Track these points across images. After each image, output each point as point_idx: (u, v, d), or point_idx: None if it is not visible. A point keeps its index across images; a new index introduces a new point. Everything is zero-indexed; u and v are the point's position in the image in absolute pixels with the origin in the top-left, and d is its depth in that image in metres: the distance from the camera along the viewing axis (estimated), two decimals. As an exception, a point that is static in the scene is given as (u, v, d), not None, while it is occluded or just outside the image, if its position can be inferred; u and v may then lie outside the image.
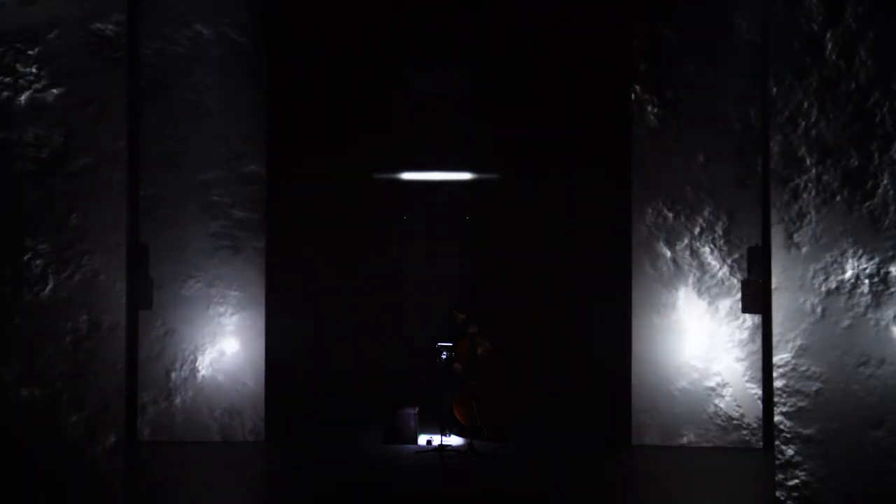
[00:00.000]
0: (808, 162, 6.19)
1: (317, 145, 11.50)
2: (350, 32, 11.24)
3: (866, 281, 6.08)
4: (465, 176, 11.87)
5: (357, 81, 11.49)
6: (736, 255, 9.05)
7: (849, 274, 6.11)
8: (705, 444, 9.08)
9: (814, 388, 6.11)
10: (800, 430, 6.08)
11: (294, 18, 10.63)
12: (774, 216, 6.18)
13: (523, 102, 11.45)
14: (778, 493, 6.06)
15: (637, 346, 9.21)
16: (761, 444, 8.95)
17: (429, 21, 11.09)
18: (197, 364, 9.36)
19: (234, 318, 9.41)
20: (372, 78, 11.52)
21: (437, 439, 9.20)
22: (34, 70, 6.11)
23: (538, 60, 11.30)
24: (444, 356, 9.34)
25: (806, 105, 6.20)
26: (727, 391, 9.07)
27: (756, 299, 6.96)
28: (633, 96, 9.19)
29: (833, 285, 6.11)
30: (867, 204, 6.12)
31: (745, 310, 7.21)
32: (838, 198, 6.15)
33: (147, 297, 7.32)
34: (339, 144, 11.58)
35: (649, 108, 9.18)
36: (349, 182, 11.74)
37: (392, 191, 11.97)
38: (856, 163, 6.13)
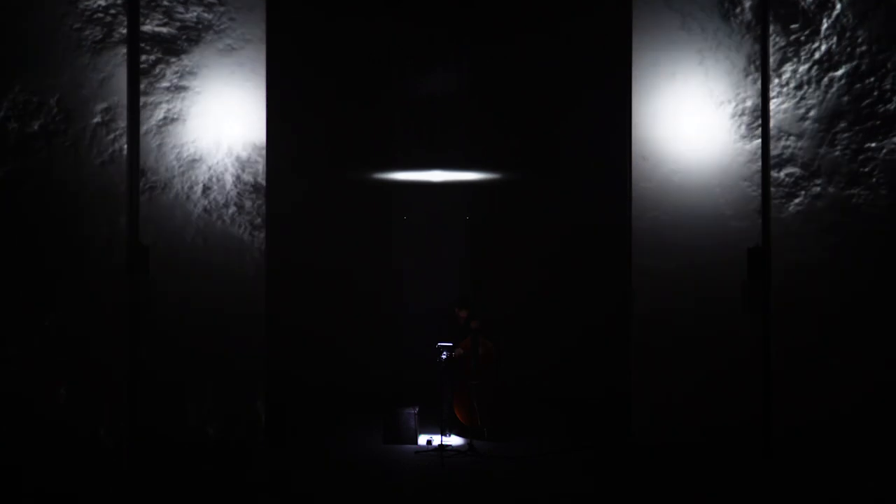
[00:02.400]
0: (804, 145, 6.21)
1: (316, 144, 11.49)
2: (350, 29, 11.24)
3: (861, 265, 6.13)
4: (466, 176, 11.87)
5: (357, 79, 11.48)
6: (733, 253, 9.03)
7: (844, 257, 6.16)
8: (706, 441, 9.06)
9: (809, 372, 6.17)
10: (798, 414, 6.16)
11: (295, 10, 10.59)
12: (773, 202, 6.21)
13: (523, 101, 11.45)
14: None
15: (636, 341, 9.19)
16: (763, 441, 8.94)
17: (428, 19, 11.10)
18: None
19: (232, 316, 9.34)
20: (372, 75, 11.51)
21: (437, 439, 9.21)
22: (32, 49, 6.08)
23: (537, 58, 11.30)
24: (444, 356, 9.34)
25: (801, 84, 6.22)
26: (728, 389, 9.05)
27: (756, 300, 6.98)
28: (631, 91, 9.19)
29: (827, 270, 6.15)
30: (862, 188, 6.15)
31: (745, 310, 7.23)
32: (833, 182, 6.18)
33: (148, 298, 7.31)
34: (339, 143, 11.58)
35: (647, 102, 9.18)
36: (348, 181, 11.74)
37: (392, 191, 11.97)
38: (853, 146, 6.16)
